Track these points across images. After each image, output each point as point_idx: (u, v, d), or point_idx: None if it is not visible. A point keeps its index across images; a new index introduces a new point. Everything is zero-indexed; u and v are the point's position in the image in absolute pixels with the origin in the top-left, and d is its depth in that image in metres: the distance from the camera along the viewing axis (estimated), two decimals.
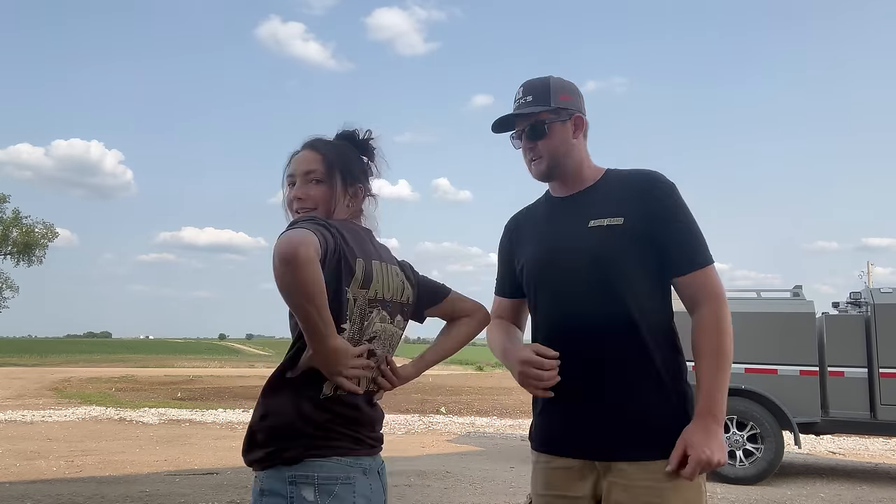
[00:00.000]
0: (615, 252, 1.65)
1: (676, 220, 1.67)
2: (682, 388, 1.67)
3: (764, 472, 6.93)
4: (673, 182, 1.71)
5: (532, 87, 1.77)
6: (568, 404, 1.67)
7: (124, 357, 57.09)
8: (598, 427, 1.63)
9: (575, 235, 1.71)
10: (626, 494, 1.58)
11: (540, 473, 1.74)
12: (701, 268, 1.65)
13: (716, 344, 1.61)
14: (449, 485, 6.40)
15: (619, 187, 1.73)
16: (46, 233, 46.90)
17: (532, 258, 1.79)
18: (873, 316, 7.08)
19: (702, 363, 1.62)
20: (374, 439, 1.60)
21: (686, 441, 1.56)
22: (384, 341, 1.63)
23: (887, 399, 6.92)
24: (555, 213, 1.80)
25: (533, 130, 1.75)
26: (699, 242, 1.67)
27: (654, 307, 1.67)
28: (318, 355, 1.45)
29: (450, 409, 15.56)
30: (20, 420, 12.01)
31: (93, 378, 25.04)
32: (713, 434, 1.56)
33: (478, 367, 44.14)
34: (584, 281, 1.67)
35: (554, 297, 1.73)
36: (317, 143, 1.72)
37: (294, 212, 1.67)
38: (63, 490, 5.79)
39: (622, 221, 1.66)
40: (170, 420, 12.59)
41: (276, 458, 1.46)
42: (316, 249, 1.34)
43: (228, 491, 5.92)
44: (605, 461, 1.62)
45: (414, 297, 1.74)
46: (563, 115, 1.75)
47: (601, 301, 1.65)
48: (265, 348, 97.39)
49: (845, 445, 10.72)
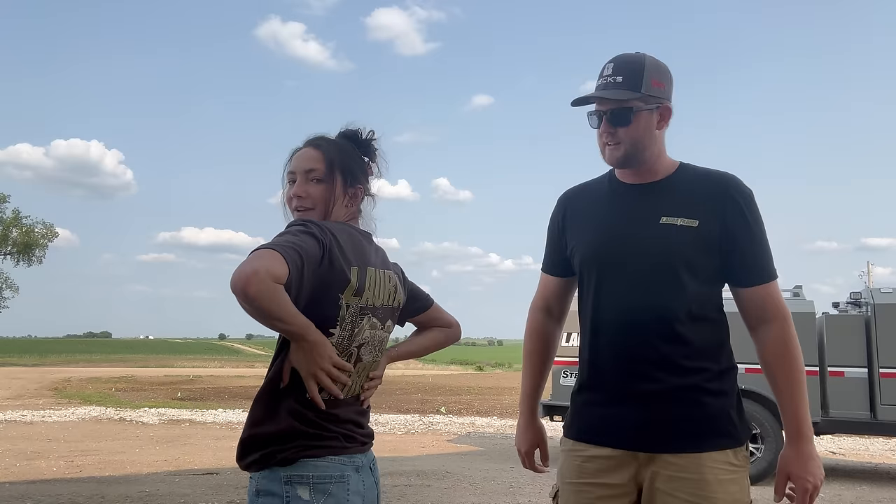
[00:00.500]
0: (684, 254, 1.62)
1: (750, 230, 1.64)
2: (728, 387, 1.67)
3: (764, 472, 6.92)
4: (751, 190, 1.68)
5: (624, 65, 1.66)
6: (614, 396, 1.66)
7: (124, 357, 57.12)
8: (644, 419, 1.62)
9: (644, 229, 1.66)
10: (672, 485, 1.58)
11: (572, 461, 1.71)
12: (768, 282, 1.66)
13: (791, 364, 1.63)
14: (449, 485, 6.40)
15: (695, 187, 1.68)
16: (46, 233, 46.96)
17: (593, 243, 1.72)
18: (873, 316, 7.08)
19: (780, 384, 1.65)
20: (364, 436, 1.62)
21: (787, 472, 1.63)
22: (372, 347, 1.65)
23: (887, 399, 6.92)
24: (623, 200, 1.73)
25: (617, 116, 1.65)
26: (767, 256, 1.67)
27: (710, 310, 1.67)
28: (299, 352, 1.47)
29: (450, 409, 15.54)
30: (20, 420, 12.01)
31: (93, 378, 25.03)
32: (808, 456, 1.62)
33: (478, 368, 44.22)
34: (645, 276, 1.64)
35: (611, 286, 1.68)
36: (319, 142, 1.71)
37: (293, 209, 1.67)
38: (63, 490, 5.79)
39: (696, 224, 1.62)
40: (170, 420, 12.58)
41: (271, 460, 1.48)
42: (275, 276, 1.32)
43: (228, 491, 5.92)
44: (650, 452, 1.62)
45: (404, 302, 1.77)
46: (652, 104, 1.66)
47: (659, 298, 1.63)
48: (265, 348, 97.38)
49: (845, 445, 10.72)
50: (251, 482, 1.52)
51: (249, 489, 1.52)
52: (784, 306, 1.66)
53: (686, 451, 1.59)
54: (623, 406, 1.65)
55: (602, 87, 1.67)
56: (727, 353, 1.71)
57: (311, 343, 1.45)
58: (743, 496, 1.61)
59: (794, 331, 1.65)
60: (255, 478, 1.51)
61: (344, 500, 1.49)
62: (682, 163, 1.75)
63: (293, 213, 1.67)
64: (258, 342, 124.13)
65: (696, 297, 1.63)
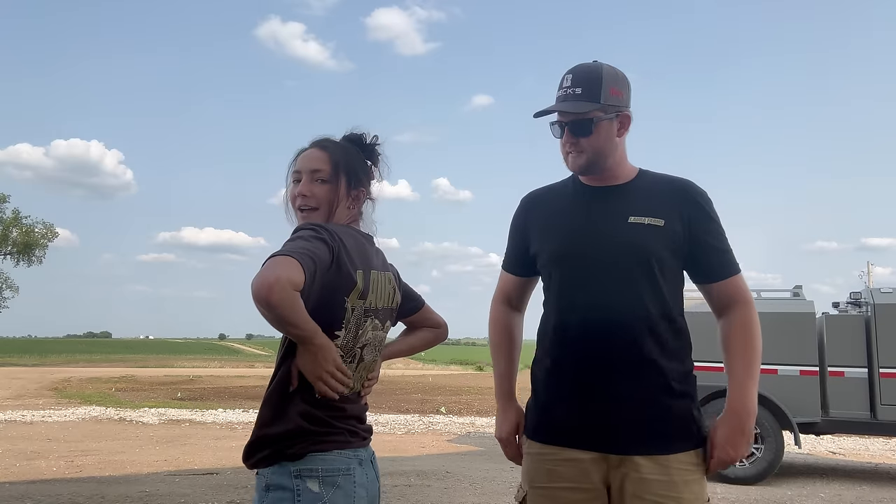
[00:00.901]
0: (654, 251, 1.67)
1: (712, 229, 1.73)
2: (692, 388, 1.71)
3: (764, 472, 6.93)
4: (706, 191, 1.77)
5: (583, 76, 1.71)
6: (584, 397, 1.67)
7: (124, 357, 57.13)
8: (616, 421, 1.64)
9: (613, 228, 1.69)
10: (641, 486, 1.61)
11: (542, 465, 1.71)
12: (735, 275, 1.74)
13: (749, 342, 1.70)
14: (449, 485, 6.40)
15: (656, 190, 1.74)
16: (46, 233, 46.96)
17: (560, 242, 1.75)
18: (873, 316, 7.08)
19: (734, 358, 1.71)
20: (365, 430, 1.66)
21: (712, 438, 1.67)
22: (373, 347, 1.70)
23: (887, 399, 6.92)
24: (588, 202, 1.76)
25: (579, 127, 1.70)
26: (730, 251, 1.75)
27: (675, 309, 1.72)
28: (305, 355, 1.50)
29: (450, 409, 15.55)
30: (20, 420, 12.01)
31: (93, 378, 25.04)
32: (741, 431, 1.65)
33: (478, 367, 44.20)
34: (614, 274, 1.67)
35: (580, 285, 1.70)
36: (325, 143, 1.74)
37: (296, 208, 1.69)
38: (63, 490, 5.79)
39: (662, 224, 1.68)
40: (170, 420, 12.58)
41: (281, 455, 1.51)
42: (294, 284, 1.36)
43: (228, 491, 5.91)
44: (621, 455, 1.63)
45: (400, 302, 1.81)
46: (611, 113, 1.71)
47: (628, 297, 1.66)
48: (265, 348, 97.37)
49: (845, 445, 10.72)
50: (259, 479, 1.55)
51: (258, 485, 1.55)
52: (749, 294, 1.75)
53: (657, 452, 1.63)
54: (594, 408, 1.66)
55: (562, 98, 1.72)
56: (690, 355, 1.75)
57: (318, 347, 1.49)
58: (704, 494, 1.66)
59: (757, 316, 1.73)
60: (263, 474, 1.53)
61: (351, 492, 1.54)
62: (641, 169, 1.81)
63: (296, 212, 1.70)
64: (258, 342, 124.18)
65: (666, 297, 1.69)
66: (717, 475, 6.89)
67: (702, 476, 1.66)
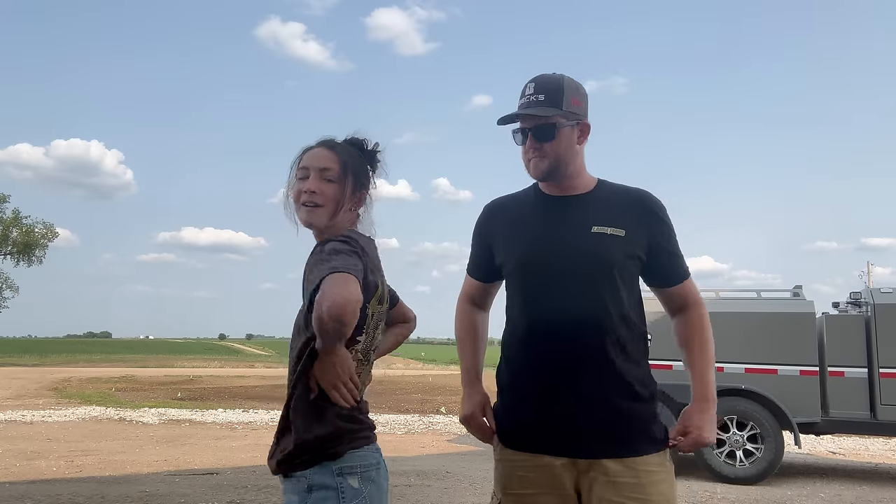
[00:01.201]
0: (616, 260, 1.73)
1: (668, 239, 1.82)
2: (654, 389, 1.78)
3: (764, 472, 6.94)
4: (662, 202, 1.86)
5: (545, 85, 1.77)
6: (550, 399, 1.71)
7: (124, 357, 57.14)
8: (583, 425, 1.68)
9: (578, 237, 1.75)
10: (610, 490, 1.65)
11: (514, 472, 1.76)
12: (687, 279, 1.87)
13: (706, 338, 1.84)
14: (449, 485, 6.40)
15: (616, 200, 1.80)
16: (46, 233, 46.94)
17: (524, 251, 1.79)
18: (873, 316, 7.09)
19: (694, 353, 1.83)
20: (373, 426, 1.74)
21: (686, 422, 1.77)
22: (376, 349, 1.76)
23: (887, 399, 6.92)
24: (551, 211, 1.81)
25: (542, 132, 1.76)
26: (682, 257, 1.87)
27: (635, 314, 1.78)
28: (326, 364, 1.54)
29: (450, 409, 15.55)
30: (20, 420, 12.02)
31: (93, 378, 25.05)
32: (709, 417, 1.77)
33: None
34: (578, 281, 1.72)
35: (545, 293, 1.75)
36: (333, 144, 1.77)
37: (301, 204, 1.70)
38: (63, 490, 5.79)
39: (624, 234, 1.75)
40: (170, 420, 12.59)
41: (322, 456, 1.56)
42: (360, 302, 1.42)
43: (228, 491, 5.92)
44: (590, 459, 1.67)
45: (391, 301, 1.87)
46: (572, 120, 1.78)
47: (590, 303, 1.71)
48: (265, 348, 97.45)
49: (845, 445, 10.72)
50: (294, 482, 1.57)
51: (294, 488, 1.57)
52: (699, 294, 1.90)
53: (626, 455, 1.67)
54: (560, 411, 1.70)
55: (525, 105, 1.77)
56: (647, 359, 1.82)
57: (339, 357, 1.54)
58: (672, 493, 1.71)
59: (707, 314, 1.87)
60: (304, 475, 1.56)
61: (383, 486, 1.63)
62: (600, 179, 1.87)
63: (299, 209, 1.71)
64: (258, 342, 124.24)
65: (628, 303, 1.75)
66: (717, 475, 6.92)
67: (668, 475, 1.71)
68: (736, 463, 7.00)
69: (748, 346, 7.24)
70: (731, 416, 7.06)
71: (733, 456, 7.02)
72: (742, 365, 7.21)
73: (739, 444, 7.02)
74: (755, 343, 7.24)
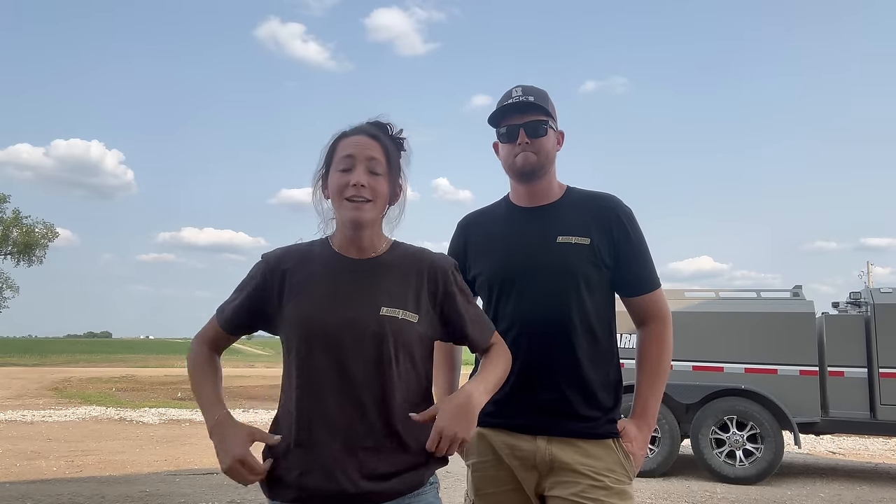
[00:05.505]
0: (579, 269, 1.77)
1: (634, 246, 1.82)
2: (618, 397, 1.83)
3: (764, 472, 6.94)
4: (630, 208, 1.86)
5: (531, 89, 1.84)
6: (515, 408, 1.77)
7: (124, 357, 57.12)
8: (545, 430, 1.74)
9: (544, 248, 1.80)
10: (568, 490, 1.70)
11: (486, 474, 1.82)
12: (652, 291, 1.84)
13: (657, 357, 1.83)
14: (449, 485, 6.40)
15: (582, 207, 1.84)
16: (46, 233, 46.96)
17: (497, 264, 1.84)
18: (873, 316, 7.09)
19: (642, 373, 1.84)
20: None
21: (623, 432, 1.78)
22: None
23: (887, 399, 6.93)
24: (520, 223, 1.86)
25: (535, 128, 1.81)
26: (651, 267, 1.85)
27: (605, 324, 1.82)
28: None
29: None
30: (20, 420, 12.02)
31: (93, 378, 25.04)
32: (643, 432, 1.79)
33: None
34: (545, 293, 1.77)
35: (515, 303, 1.80)
36: (375, 132, 1.52)
37: (344, 198, 1.46)
38: (63, 490, 5.79)
39: (588, 242, 1.78)
40: (170, 420, 12.60)
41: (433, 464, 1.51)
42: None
43: (228, 491, 5.92)
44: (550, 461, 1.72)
45: None
46: (555, 124, 1.86)
47: (560, 311, 1.76)
48: (265, 348, 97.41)
49: (845, 445, 10.72)
50: (431, 488, 1.52)
51: (432, 493, 1.52)
52: (665, 309, 1.86)
53: (585, 459, 1.71)
54: (524, 417, 1.76)
55: (518, 101, 1.82)
56: (616, 366, 1.86)
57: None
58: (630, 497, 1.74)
59: (671, 331, 1.85)
60: (433, 483, 1.52)
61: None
62: (569, 186, 1.92)
63: (341, 204, 1.47)
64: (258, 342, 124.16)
65: (594, 311, 1.79)
66: (717, 475, 6.92)
67: (625, 489, 1.73)
68: (736, 463, 7.00)
69: (748, 346, 7.24)
70: (730, 415, 7.06)
71: (733, 456, 7.02)
72: (742, 365, 7.22)
73: (739, 444, 7.02)
74: (755, 343, 7.24)
